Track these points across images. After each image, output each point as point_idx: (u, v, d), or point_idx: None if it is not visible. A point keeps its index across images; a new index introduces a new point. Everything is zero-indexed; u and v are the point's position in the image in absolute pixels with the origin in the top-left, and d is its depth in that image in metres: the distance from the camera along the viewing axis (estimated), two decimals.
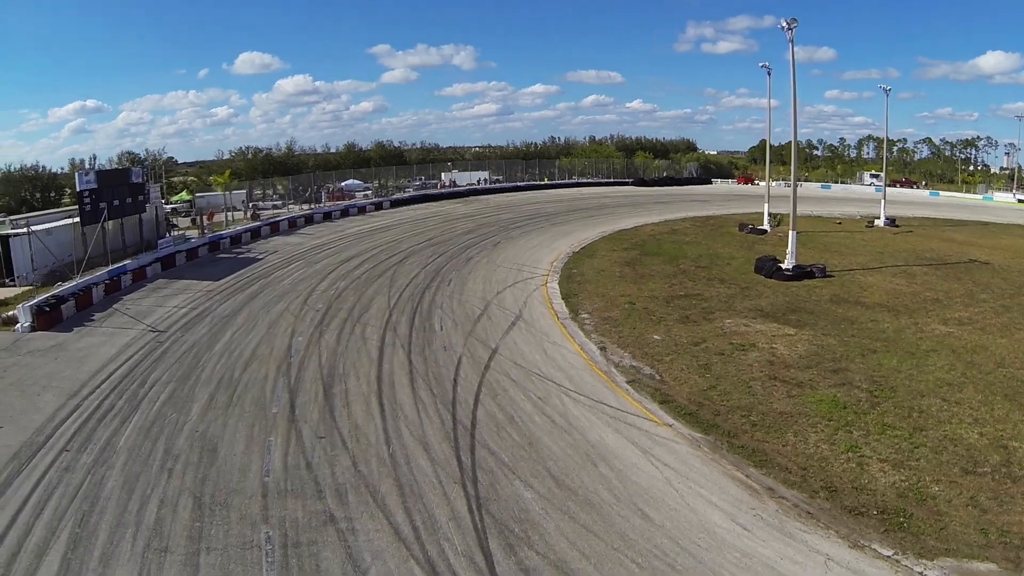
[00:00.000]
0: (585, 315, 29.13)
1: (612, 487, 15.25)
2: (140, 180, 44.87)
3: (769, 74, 53.09)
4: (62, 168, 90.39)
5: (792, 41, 36.24)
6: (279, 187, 79.88)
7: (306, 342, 25.61)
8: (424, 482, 15.38)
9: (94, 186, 38.63)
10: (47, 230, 39.24)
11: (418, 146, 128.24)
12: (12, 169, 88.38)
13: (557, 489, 15.14)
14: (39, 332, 28.44)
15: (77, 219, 39.00)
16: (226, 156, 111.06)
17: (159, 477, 15.90)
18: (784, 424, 18.31)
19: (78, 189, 38.34)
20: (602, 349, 24.69)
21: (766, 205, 54.01)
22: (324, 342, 25.59)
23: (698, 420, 18.60)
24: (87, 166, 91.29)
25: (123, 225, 43.94)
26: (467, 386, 21.16)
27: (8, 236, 37.42)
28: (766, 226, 52.76)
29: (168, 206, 70.25)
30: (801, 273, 35.19)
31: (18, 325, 28.86)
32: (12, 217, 41.37)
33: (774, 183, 66.19)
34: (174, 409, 19.87)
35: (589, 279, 35.56)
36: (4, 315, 30.10)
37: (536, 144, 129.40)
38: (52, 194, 79.59)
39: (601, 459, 16.53)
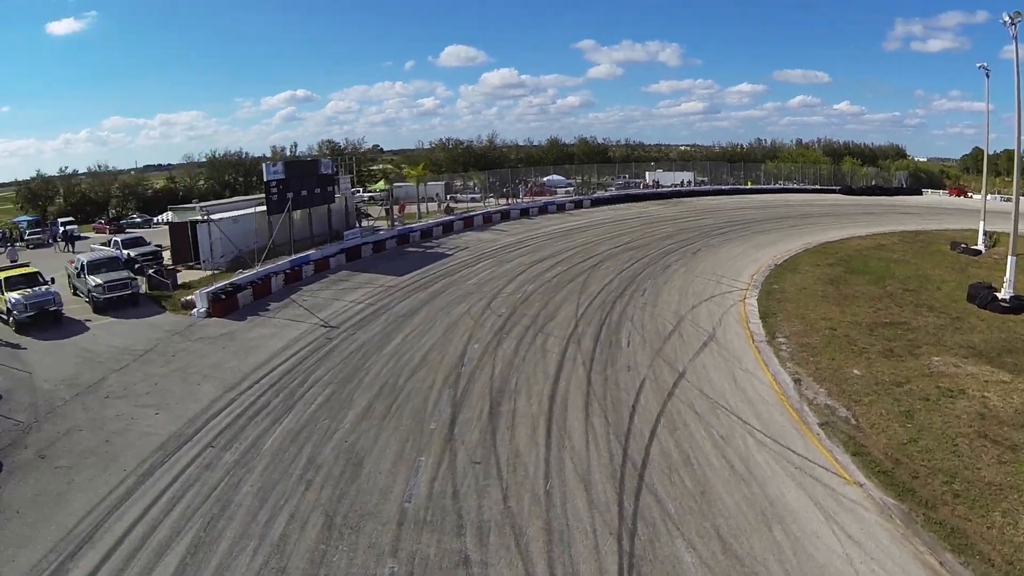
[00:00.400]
0: (782, 339, 27.53)
1: (784, 559, 13.69)
2: (330, 171, 49.08)
3: (987, 76, 48.37)
4: (264, 154, 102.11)
5: (1016, 37, 34.63)
6: (474, 181, 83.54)
7: (482, 350, 25.72)
8: (576, 529, 14.53)
9: (281, 177, 42.87)
10: (234, 218, 44.07)
11: (623, 143, 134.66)
12: (217, 155, 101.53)
13: (722, 555, 13.80)
14: (213, 319, 31.49)
15: (263, 208, 43.11)
16: (427, 146, 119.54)
17: (296, 488, 16.36)
18: (992, 499, 15.69)
19: (265, 179, 42.71)
20: (796, 382, 23.00)
21: (981, 222, 49.82)
22: (501, 352, 25.58)
23: (893, 481, 16.54)
24: (287, 153, 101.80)
25: (311, 215, 47.89)
26: (646, 415, 20.20)
27: (195, 223, 42.29)
28: (980, 246, 49.15)
29: (366, 194, 76.07)
30: (1019, 306, 32.07)
31: (195, 310, 32.05)
32: (202, 204, 46.49)
33: (989, 197, 60.02)
34: (328, 414, 20.60)
35: (790, 297, 34.02)
36: (183, 299, 33.52)
37: (742, 146, 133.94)
38: (254, 179, 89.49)
39: (778, 520, 14.97)
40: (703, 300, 33.09)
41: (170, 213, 52.36)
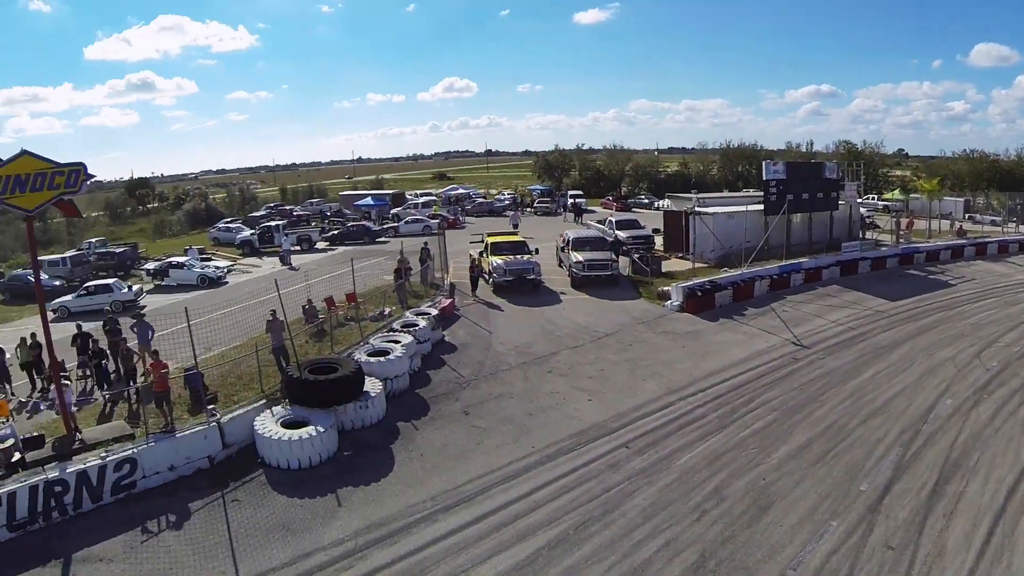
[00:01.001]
0: None
1: None
2: (834, 176, 46.57)
3: None
4: (779, 148, 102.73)
5: None
6: (996, 201, 72.05)
7: (953, 409, 21.66)
8: None
9: (782, 177, 42.53)
10: (728, 214, 44.15)
11: None
12: (731, 145, 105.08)
13: None
14: (684, 314, 32.13)
15: (759, 206, 42.94)
16: (948, 155, 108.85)
17: (687, 515, 15.70)
18: None
19: (764, 178, 42.74)
20: None
21: None
22: (974, 415, 21.18)
23: None
24: (803, 150, 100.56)
25: (811, 220, 45.89)
26: None
27: (687, 213, 43.44)
28: None
29: (880, 202, 71.09)
30: None
31: (668, 302, 33.01)
32: (700, 195, 47.61)
33: None
34: (759, 444, 19.38)
35: None
36: (659, 289, 34.73)
37: None
38: None
39: None
40: None
41: (667, 200, 54.72)
